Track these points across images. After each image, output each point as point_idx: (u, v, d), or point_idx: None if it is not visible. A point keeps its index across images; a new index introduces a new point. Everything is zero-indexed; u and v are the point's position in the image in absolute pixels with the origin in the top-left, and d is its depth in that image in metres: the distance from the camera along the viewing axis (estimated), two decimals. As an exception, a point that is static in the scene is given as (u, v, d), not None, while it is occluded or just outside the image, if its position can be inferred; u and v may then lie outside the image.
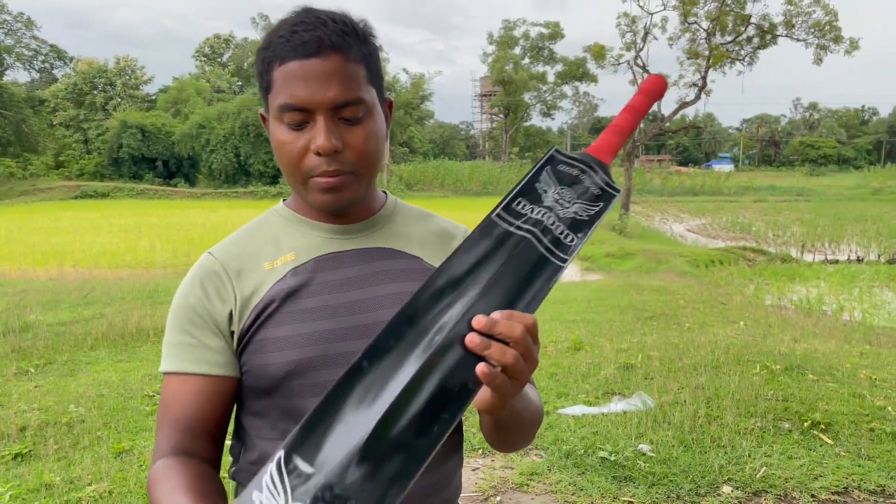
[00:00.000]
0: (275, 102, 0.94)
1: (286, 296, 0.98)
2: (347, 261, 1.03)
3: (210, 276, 1.01)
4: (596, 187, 0.87)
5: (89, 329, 6.49)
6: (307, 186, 0.97)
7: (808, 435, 3.87)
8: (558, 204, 0.83)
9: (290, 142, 0.94)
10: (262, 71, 0.97)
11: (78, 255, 15.20)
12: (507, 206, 0.81)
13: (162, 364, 1.01)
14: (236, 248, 1.04)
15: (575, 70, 36.39)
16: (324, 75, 0.92)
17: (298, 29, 0.93)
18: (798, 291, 11.29)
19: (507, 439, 1.03)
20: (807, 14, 18.39)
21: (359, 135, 0.95)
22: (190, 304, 1.00)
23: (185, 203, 36.96)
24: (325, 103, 0.92)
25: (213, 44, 66.92)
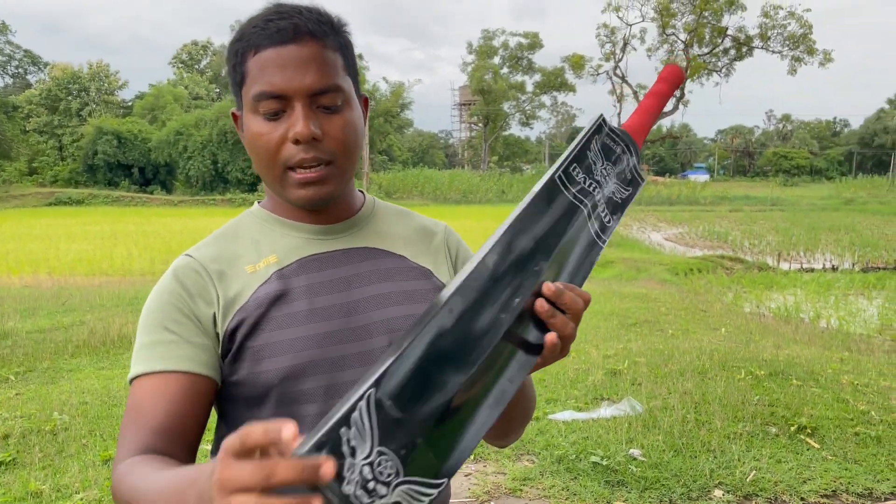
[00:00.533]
0: (250, 93, 0.91)
1: (273, 300, 0.94)
2: (333, 262, 0.99)
3: (191, 275, 0.95)
4: (629, 171, 0.87)
5: (69, 336, 6.39)
6: (285, 181, 0.93)
7: (795, 439, 3.92)
8: (605, 179, 0.84)
9: (267, 132, 0.91)
10: (234, 64, 0.94)
11: (53, 262, 14.97)
12: (565, 170, 0.81)
13: (133, 369, 0.91)
14: (214, 250, 0.99)
15: (553, 80, 36.69)
16: (301, 61, 0.89)
17: (274, 18, 0.91)
18: (776, 299, 11.44)
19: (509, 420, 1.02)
20: (782, 26, 18.78)
21: (337, 123, 0.92)
22: (171, 302, 0.93)
23: (162, 210, 36.58)
24: (303, 90, 0.89)
25: (191, 50, 66.48)
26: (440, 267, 1.08)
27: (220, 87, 63.47)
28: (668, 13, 18.97)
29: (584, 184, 0.81)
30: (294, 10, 0.92)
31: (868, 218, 28.26)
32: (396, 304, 0.99)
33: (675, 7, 18.97)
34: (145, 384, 0.89)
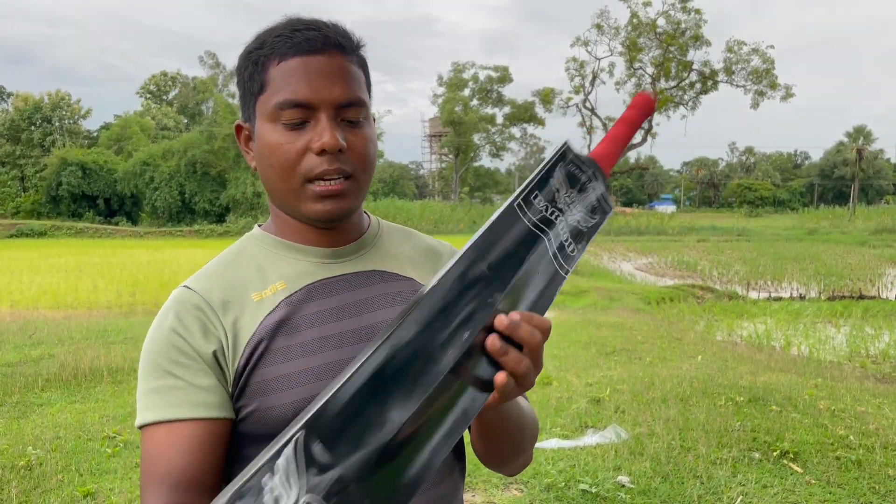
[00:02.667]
0: (271, 101, 0.88)
1: (281, 329, 0.90)
2: (342, 287, 0.95)
3: (190, 311, 0.90)
4: (596, 199, 0.84)
5: (39, 370, 6.22)
6: (302, 194, 0.90)
7: (779, 464, 3.95)
8: (568, 208, 0.80)
9: (288, 142, 0.88)
10: (252, 73, 0.91)
11: (16, 295, 14.59)
12: (525, 197, 0.78)
13: (140, 416, 0.87)
14: (217, 279, 0.94)
15: (523, 113, 37.18)
16: (329, 73, 0.88)
17: (301, 28, 0.89)
18: (747, 327, 11.59)
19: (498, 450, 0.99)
20: (746, 61, 19.31)
21: (360, 138, 0.91)
22: (171, 342, 0.88)
23: (128, 242, 36.01)
24: (331, 101, 0.88)
25: (159, 81, 66.16)
26: None
27: (187, 117, 63.14)
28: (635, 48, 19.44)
29: (546, 212, 0.78)
30: (320, 23, 0.91)
31: (831, 248, 28.91)
32: None
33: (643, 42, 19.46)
34: (156, 435, 0.85)
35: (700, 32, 19.37)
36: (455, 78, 47.10)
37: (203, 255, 24.20)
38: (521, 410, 0.97)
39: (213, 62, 58.33)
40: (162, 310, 0.92)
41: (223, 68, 58.10)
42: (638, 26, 19.48)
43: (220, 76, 57.88)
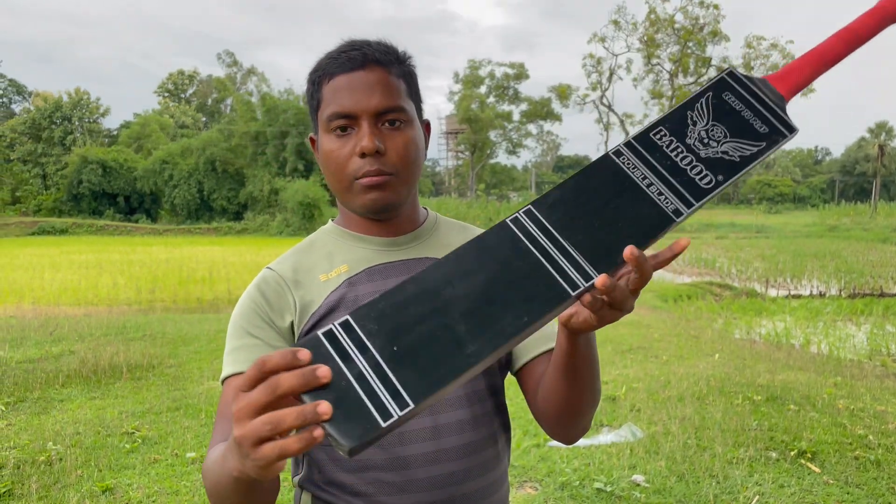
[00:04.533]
0: (324, 114, 1.04)
1: (342, 303, 1.05)
2: (397, 270, 1.09)
3: (271, 286, 1.07)
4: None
5: (60, 366, 6.30)
6: (352, 190, 1.04)
7: (796, 464, 3.92)
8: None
9: (337, 149, 1.03)
10: (312, 92, 1.07)
11: (38, 292, 14.79)
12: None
13: (224, 370, 1.04)
14: (293, 262, 1.11)
15: (539, 109, 37.08)
16: (368, 85, 1.02)
17: (346, 49, 1.05)
18: (765, 325, 11.49)
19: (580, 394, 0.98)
20: (765, 57, 19.11)
21: (399, 140, 1.03)
22: (252, 310, 1.06)
23: (147, 239, 36.34)
24: (369, 109, 1.01)
25: (177, 80, 66.65)
26: None
27: (206, 115, 63.57)
28: (653, 44, 19.32)
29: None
30: (364, 43, 1.05)
31: (852, 244, 28.58)
32: None
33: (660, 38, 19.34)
34: (232, 384, 1.01)
35: (718, 28, 19.23)
36: (471, 75, 47.02)
37: (221, 252, 24.38)
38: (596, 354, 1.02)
39: (231, 60, 58.68)
40: (248, 287, 1.10)
41: (241, 66, 58.45)
42: (656, 22, 19.37)
43: (237, 74, 58.24)
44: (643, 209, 0.74)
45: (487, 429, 1.09)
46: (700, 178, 0.75)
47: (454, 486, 1.04)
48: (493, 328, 0.67)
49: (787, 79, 0.79)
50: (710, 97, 0.78)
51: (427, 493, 1.03)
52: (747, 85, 0.78)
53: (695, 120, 0.76)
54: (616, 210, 0.73)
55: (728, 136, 0.76)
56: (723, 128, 0.76)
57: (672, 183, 0.75)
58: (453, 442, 1.05)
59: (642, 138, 0.76)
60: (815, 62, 0.79)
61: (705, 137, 0.76)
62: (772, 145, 0.76)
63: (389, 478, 1.03)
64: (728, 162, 0.75)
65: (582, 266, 0.71)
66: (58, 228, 40.54)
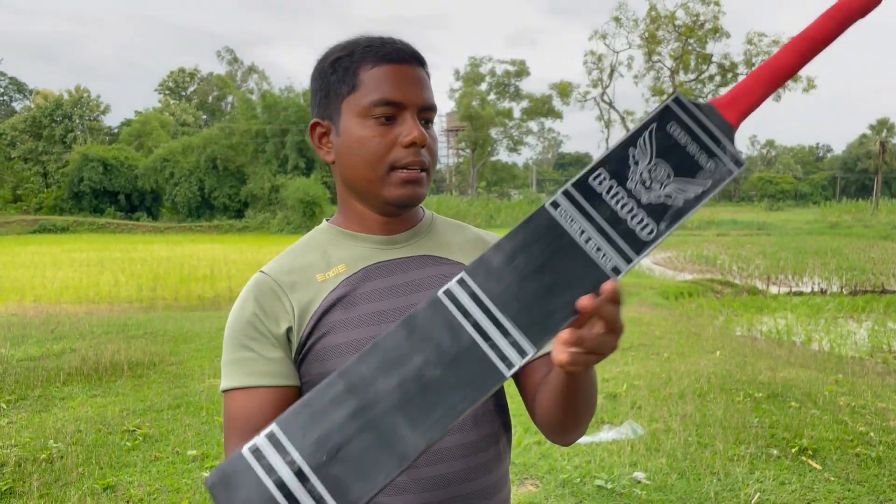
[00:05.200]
0: (364, 100, 1.02)
1: (341, 303, 1.04)
2: (395, 269, 1.09)
3: (265, 293, 1.05)
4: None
5: (61, 364, 6.30)
6: (387, 179, 1.03)
7: (797, 461, 3.92)
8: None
9: (378, 135, 1.02)
10: (342, 76, 1.05)
11: (39, 290, 14.80)
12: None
13: (223, 383, 1.04)
14: (288, 264, 1.09)
15: (540, 107, 37.05)
16: (415, 79, 1.04)
17: (386, 41, 1.05)
18: (767, 322, 11.48)
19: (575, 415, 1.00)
20: (766, 53, 19.07)
21: (433, 137, 1.06)
22: (247, 319, 1.04)
23: (148, 237, 36.36)
24: (416, 103, 1.03)
25: (178, 78, 66.61)
26: None
27: (206, 113, 63.53)
28: (654, 40, 19.28)
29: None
30: (399, 40, 1.07)
31: (854, 241, 28.55)
32: None
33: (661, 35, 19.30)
34: (236, 398, 1.02)
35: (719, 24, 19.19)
36: (472, 72, 46.99)
37: (222, 249, 24.38)
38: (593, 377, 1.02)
39: (231, 57, 58.61)
40: (242, 292, 1.08)
41: (241, 64, 58.38)
42: (657, 19, 19.33)
43: (238, 72, 58.18)
44: (580, 269, 0.70)
45: (488, 428, 1.09)
46: (641, 229, 0.71)
47: (455, 485, 1.04)
48: (427, 420, 0.65)
49: (736, 104, 0.73)
50: (654, 130, 0.72)
51: (428, 492, 1.03)
52: (693, 114, 0.72)
53: (637, 159, 0.71)
54: (553, 272, 0.69)
55: (672, 175, 0.71)
56: (667, 166, 0.71)
57: (611, 236, 0.71)
58: (454, 441, 1.05)
59: (581, 185, 0.71)
60: (766, 80, 0.73)
61: (647, 179, 0.71)
62: (718, 183, 0.72)
63: None
64: (670, 207, 0.71)
65: (518, 342, 0.68)
66: (59, 226, 40.55)
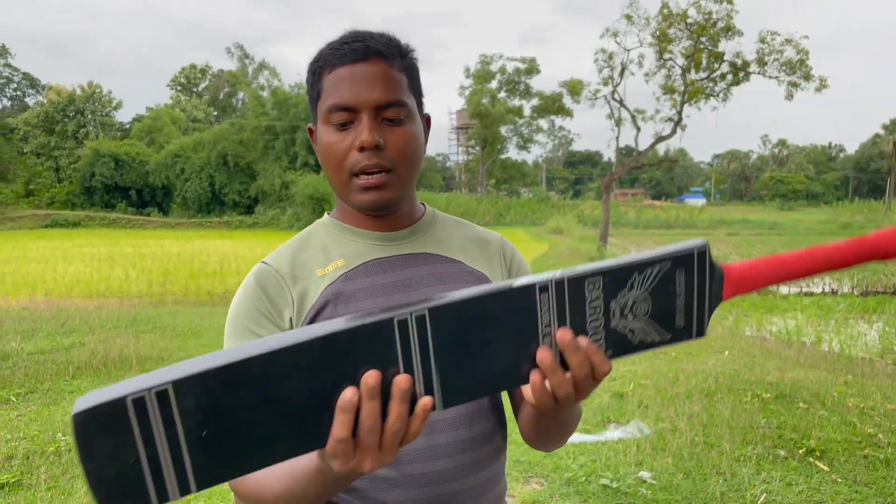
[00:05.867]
0: (324, 106, 1.02)
1: (338, 299, 1.04)
2: (394, 265, 1.08)
3: (269, 281, 1.05)
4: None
5: (70, 358, 6.35)
6: (350, 186, 1.02)
7: (805, 462, 3.90)
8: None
9: (336, 142, 1.01)
10: (312, 82, 1.05)
11: (50, 284, 14.90)
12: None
13: None
14: (288, 257, 1.09)
15: (551, 105, 36.95)
16: (369, 78, 1.00)
17: (349, 41, 1.02)
18: (776, 322, 11.42)
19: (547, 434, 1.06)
20: (779, 52, 18.91)
21: (399, 135, 1.01)
22: (253, 305, 1.04)
23: (159, 232, 36.54)
24: (370, 103, 0.99)
25: (189, 74, 66.87)
26: (495, 273, 1.15)
27: (217, 110, 63.75)
28: (665, 39, 19.17)
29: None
30: (366, 35, 1.03)
31: (864, 242, 28.32)
32: None
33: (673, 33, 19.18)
34: None
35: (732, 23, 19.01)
36: (482, 70, 46.92)
37: (232, 245, 24.47)
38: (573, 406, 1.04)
39: (242, 53, 58.80)
40: (246, 280, 1.07)
41: (251, 60, 58.56)
42: (668, 17, 19.20)
43: (249, 68, 58.36)
44: (524, 358, 0.70)
45: (482, 426, 1.09)
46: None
47: (448, 482, 1.04)
48: (310, 432, 0.64)
49: (742, 284, 0.74)
50: (667, 269, 0.71)
51: (420, 489, 1.03)
52: (704, 274, 0.72)
53: (634, 285, 0.70)
54: (503, 346, 0.68)
55: (648, 315, 0.71)
56: (650, 306, 0.71)
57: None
58: (447, 438, 1.05)
59: (575, 283, 0.69)
60: (778, 273, 0.75)
61: (628, 308, 0.70)
62: (674, 341, 0.72)
63: (383, 473, 1.02)
64: (627, 341, 0.71)
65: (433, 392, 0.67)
66: (70, 221, 40.83)
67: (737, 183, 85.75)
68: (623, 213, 43.21)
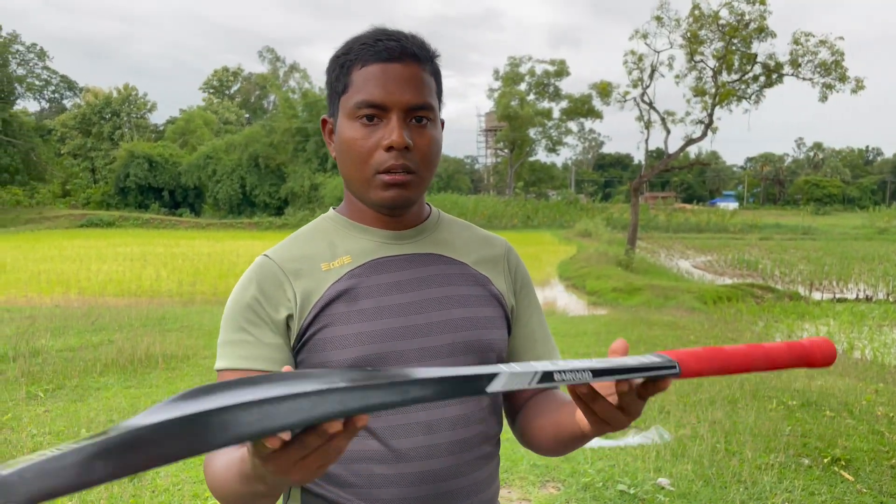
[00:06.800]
0: (351, 100, 1.02)
1: (344, 296, 1.04)
2: (400, 265, 1.08)
3: (268, 278, 1.05)
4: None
5: (98, 355, 6.46)
6: (372, 182, 1.03)
7: (829, 471, 3.82)
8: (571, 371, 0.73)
9: (362, 137, 1.01)
10: (338, 75, 1.05)
11: (83, 282, 15.19)
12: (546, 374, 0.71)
13: (218, 363, 1.03)
14: (293, 250, 1.09)
15: (580, 107, 36.73)
16: (402, 79, 1.01)
17: (382, 38, 1.03)
18: (808, 329, 11.22)
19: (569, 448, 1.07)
20: (813, 54, 18.55)
21: (425, 137, 1.03)
22: (246, 302, 1.04)
23: (190, 233, 37.05)
24: (402, 104, 1.00)
25: (222, 76, 67.74)
26: (498, 277, 1.17)
27: (249, 112, 64.48)
28: (696, 40, 18.90)
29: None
30: (400, 35, 1.05)
31: (902, 247, 27.70)
32: (457, 306, 1.08)
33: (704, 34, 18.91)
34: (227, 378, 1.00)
35: (765, 24, 18.68)
36: (511, 72, 46.81)
37: (261, 246, 24.72)
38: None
39: (273, 57, 59.43)
40: (245, 275, 1.07)
41: (283, 63, 59.16)
42: (699, 18, 18.94)
43: (280, 71, 58.97)
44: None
45: (480, 427, 1.10)
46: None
47: (444, 481, 1.04)
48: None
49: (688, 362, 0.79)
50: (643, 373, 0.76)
51: (416, 487, 1.03)
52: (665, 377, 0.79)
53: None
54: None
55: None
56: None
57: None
58: (445, 438, 1.05)
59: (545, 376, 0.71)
60: (716, 364, 0.80)
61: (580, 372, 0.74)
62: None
63: (381, 470, 1.03)
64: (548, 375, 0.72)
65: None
66: (105, 221, 41.56)
67: (770, 186, 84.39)
68: (653, 216, 42.75)
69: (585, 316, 11.78)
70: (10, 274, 16.27)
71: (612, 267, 19.17)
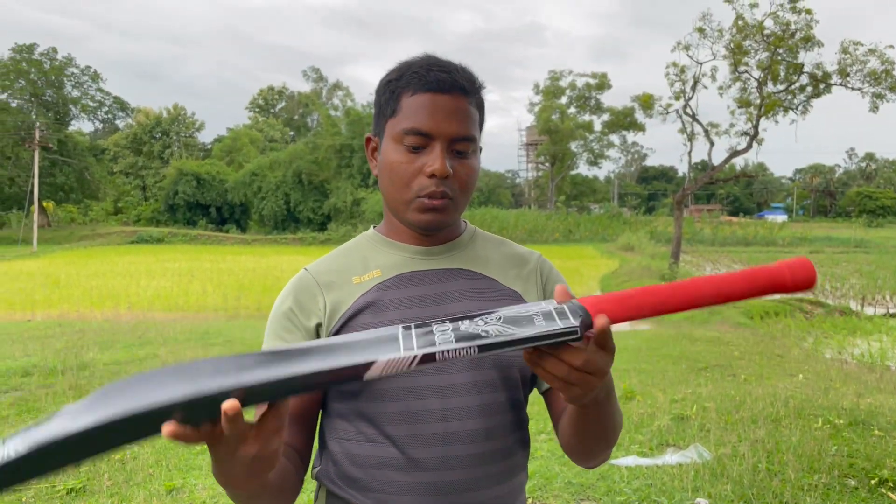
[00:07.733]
0: (399, 126, 1.07)
1: (370, 307, 1.09)
2: (427, 279, 1.13)
3: (303, 289, 1.13)
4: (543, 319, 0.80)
5: (143, 369, 6.57)
6: (411, 205, 1.08)
7: (876, 493, 3.68)
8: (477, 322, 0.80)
9: (406, 162, 1.07)
10: (388, 98, 1.10)
11: (133, 297, 15.60)
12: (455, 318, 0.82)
13: None
14: (329, 264, 1.17)
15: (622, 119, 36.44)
16: (450, 111, 1.06)
17: (434, 68, 1.08)
18: (859, 345, 10.88)
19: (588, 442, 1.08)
20: (862, 63, 18.12)
21: (465, 168, 1.09)
22: (283, 312, 1.12)
23: (236, 248, 37.75)
24: (447, 134, 1.06)
25: (267, 95, 69.14)
26: (529, 292, 1.18)
27: (293, 129, 65.60)
28: (740, 51, 18.62)
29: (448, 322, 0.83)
30: (451, 66, 1.10)
31: (960, 260, 26.69)
32: None
33: (748, 45, 18.62)
34: None
35: (811, 33, 18.30)
36: (552, 86, 46.71)
37: (305, 261, 24.72)
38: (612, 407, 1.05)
39: (317, 76, 60.44)
40: (285, 287, 1.17)
41: (326, 82, 60.10)
42: (743, 28, 18.65)
43: (323, 90, 59.92)
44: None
45: (501, 443, 1.10)
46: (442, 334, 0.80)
47: (460, 493, 1.06)
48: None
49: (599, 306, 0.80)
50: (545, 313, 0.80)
51: (432, 497, 1.05)
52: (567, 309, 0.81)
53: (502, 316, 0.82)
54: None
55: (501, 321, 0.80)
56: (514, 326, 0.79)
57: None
58: (464, 451, 1.06)
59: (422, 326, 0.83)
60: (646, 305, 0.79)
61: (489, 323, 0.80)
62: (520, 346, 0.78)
63: (398, 477, 1.05)
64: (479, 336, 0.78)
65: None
66: (155, 237, 42.62)
67: (821, 198, 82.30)
68: (698, 229, 42.01)
69: (627, 331, 11.62)
70: (63, 289, 16.79)
71: (656, 281, 18.87)
